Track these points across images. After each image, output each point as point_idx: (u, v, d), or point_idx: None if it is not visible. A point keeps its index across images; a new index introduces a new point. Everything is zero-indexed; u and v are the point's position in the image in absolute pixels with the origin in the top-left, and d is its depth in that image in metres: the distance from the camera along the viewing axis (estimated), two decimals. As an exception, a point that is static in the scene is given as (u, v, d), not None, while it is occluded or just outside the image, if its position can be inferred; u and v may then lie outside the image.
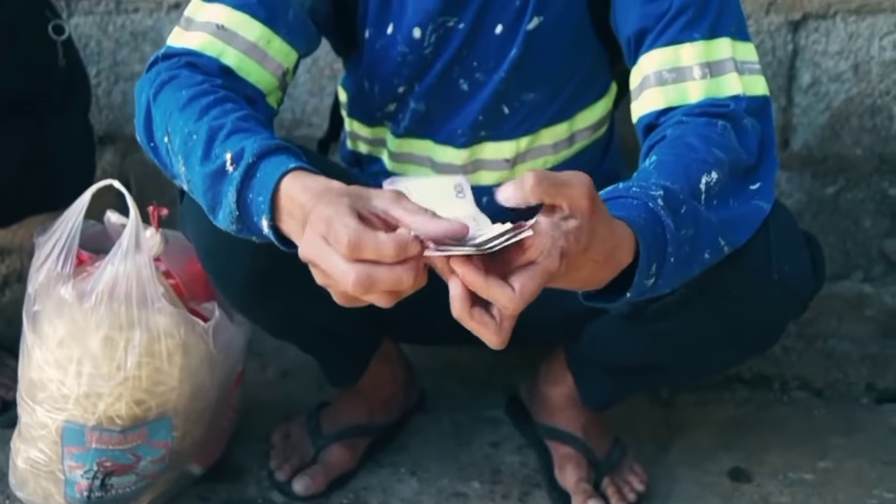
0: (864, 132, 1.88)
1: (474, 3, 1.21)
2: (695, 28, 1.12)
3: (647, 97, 1.13)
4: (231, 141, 0.98)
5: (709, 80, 1.11)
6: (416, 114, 1.30)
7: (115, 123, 2.07)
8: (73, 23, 2.00)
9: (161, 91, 1.09)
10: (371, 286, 0.79)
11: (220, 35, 1.15)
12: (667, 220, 0.93)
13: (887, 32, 1.82)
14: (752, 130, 1.08)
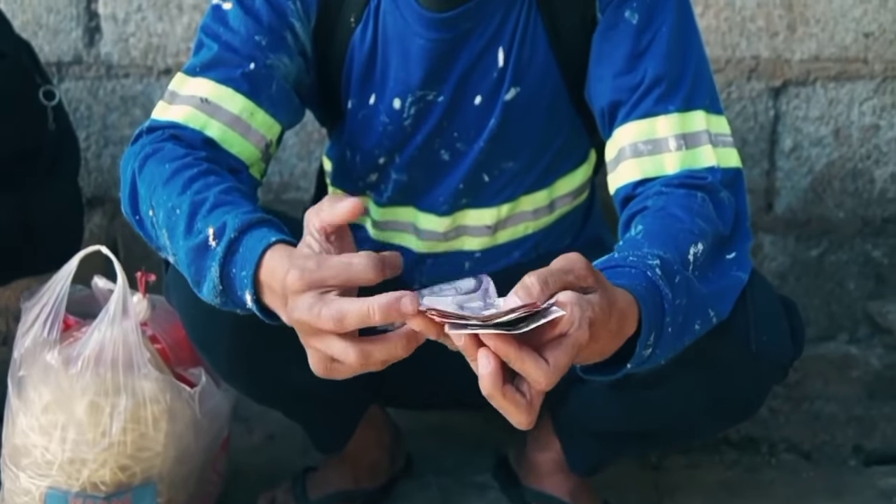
0: (846, 195, 1.91)
1: (453, 77, 1.23)
2: (669, 101, 1.13)
3: (623, 169, 1.14)
4: (213, 215, 0.99)
5: (684, 151, 1.12)
6: (399, 184, 1.32)
7: (103, 186, 2.08)
8: (64, 87, 2.03)
9: (145, 165, 1.10)
10: (369, 355, 0.81)
11: (203, 108, 1.16)
12: (665, 290, 0.93)
13: (866, 98, 1.85)
14: (728, 202, 1.10)
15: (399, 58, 1.23)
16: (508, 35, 1.21)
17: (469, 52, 1.22)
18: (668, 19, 1.15)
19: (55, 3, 2.01)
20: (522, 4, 1.20)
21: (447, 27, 1.20)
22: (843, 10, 1.81)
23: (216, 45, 1.19)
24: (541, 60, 1.22)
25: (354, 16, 1.23)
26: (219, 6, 1.22)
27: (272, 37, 1.20)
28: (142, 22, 1.98)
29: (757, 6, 1.82)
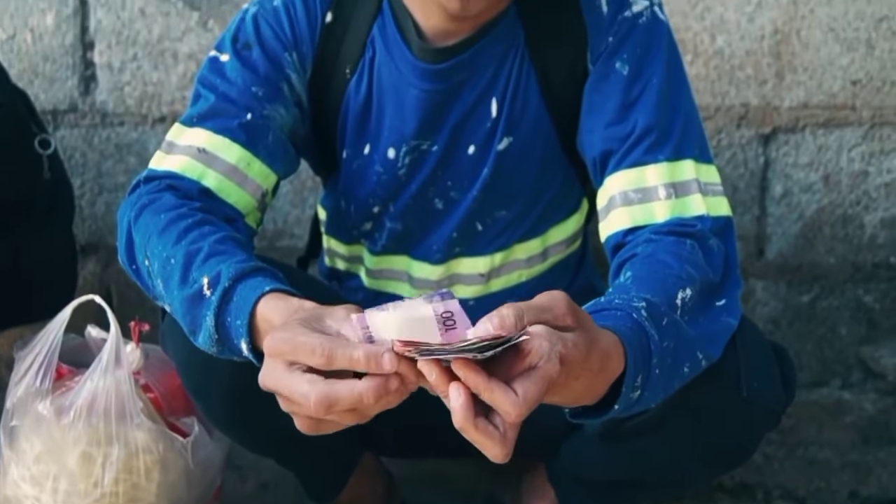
0: (836, 241, 1.92)
1: (447, 127, 1.25)
2: (659, 150, 1.15)
3: (614, 217, 1.15)
4: (208, 265, 1.00)
5: (674, 200, 1.13)
6: (393, 232, 1.32)
7: (97, 233, 2.09)
8: (59, 135, 2.04)
9: (141, 215, 1.11)
10: (333, 404, 0.80)
11: (200, 158, 1.18)
12: (651, 331, 0.93)
13: (855, 145, 1.87)
14: (717, 250, 1.10)
15: (394, 108, 1.25)
16: (502, 86, 1.23)
17: (463, 102, 1.23)
18: (658, 71, 1.17)
19: (51, 51, 2.03)
20: (515, 56, 1.22)
21: (441, 78, 1.22)
22: (831, 59, 1.84)
23: (213, 95, 1.21)
24: (533, 111, 1.24)
25: (350, 67, 1.25)
26: (216, 58, 1.23)
27: (269, 88, 1.21)
28: (137, 71, 2.00)
29: (745, 54, 1.84)
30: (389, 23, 1.24)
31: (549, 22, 1.21)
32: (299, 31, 1.23)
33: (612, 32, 1.18)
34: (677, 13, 1.82)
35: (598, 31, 1.19)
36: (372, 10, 1.24)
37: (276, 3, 1.24)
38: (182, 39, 1.98)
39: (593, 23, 1.19)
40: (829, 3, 1.82)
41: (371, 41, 1.24)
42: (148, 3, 1.97)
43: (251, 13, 1.25)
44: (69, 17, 2.02)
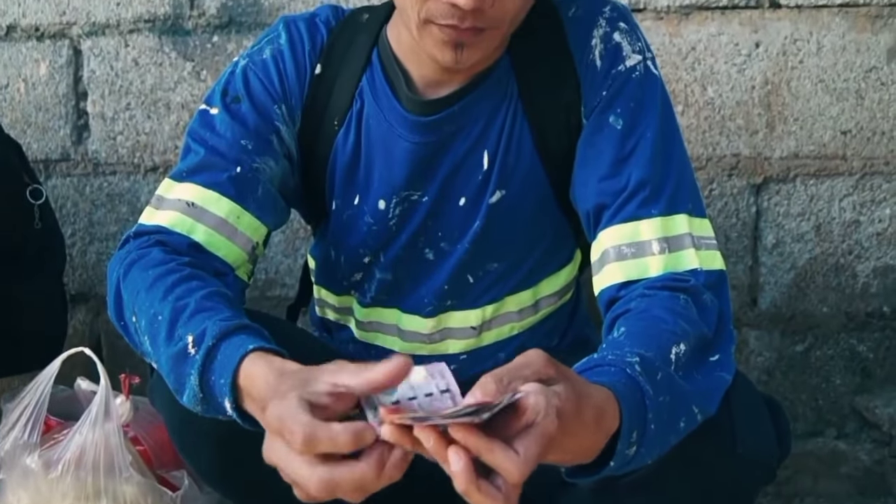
0: (829, 290, 1.92)
1: (438, 178, 1.24)
2: (652, 205, 1.14)
3: (607, 271, 1.14)
4: (194, 322, 0.99)
5: (667, 254, 1.12)
6: (383, 283, 1.32)
7: (88, 283, 2.08)
8: (51, 184, 2.04)
9: (130, 271, 1.10)
10: (334, 488, 0.79)
11: (190, 212, 1.17)
12: (645, 386, 0.92)
13: (846, 195, 1.88)
14: (711, 305, 1.10)
15: (383, 160, 1.24)
16: (494, 138, 1.22)
17: (454, 153, 1.23)
18: (652, 125, 1.16)
19: (44, 101, 2.04)
20: (508, 109, 1.22)
21: (431, 130, 1.21)
22: (821, 109, 1.85)
23: (203, 149, 1.20)
24: (526, 164, 1.23)
25: (338, 119, 1.25)
26: (206, 111, 1.23)
27: (258, 141, 1.21)
28: (130, 120, 2.00)
29: (736, 105, 1.85)
30: (378, 75, 1.24)
31: (543, 75, 1.21)
32: (288, 83, 1.23)
33: (606, 87, 1.18)
34: (668, 64, 1.84)
35: (592, 85, 1.19)
36: (361, 62, 1.25)
37: (265, 55, 1.24)
38: (175, 89, 1.98)
39: (587, 77, 1.19)
40: (819, 55, 1.83)
41: (360, 93, 1.24)
42: (141, 53, 1.99)
43: (241, 66, 1.25)
44: (62, 67, 2.03)
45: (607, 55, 1.19)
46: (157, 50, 1.98)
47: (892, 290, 1.91)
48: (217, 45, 1.96)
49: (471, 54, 1.11)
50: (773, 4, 1.83)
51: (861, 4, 1.82)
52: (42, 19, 2.02)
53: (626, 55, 1.18)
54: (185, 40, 1.97)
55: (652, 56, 1.21)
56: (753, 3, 1.83)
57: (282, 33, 1.25)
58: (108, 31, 2.00)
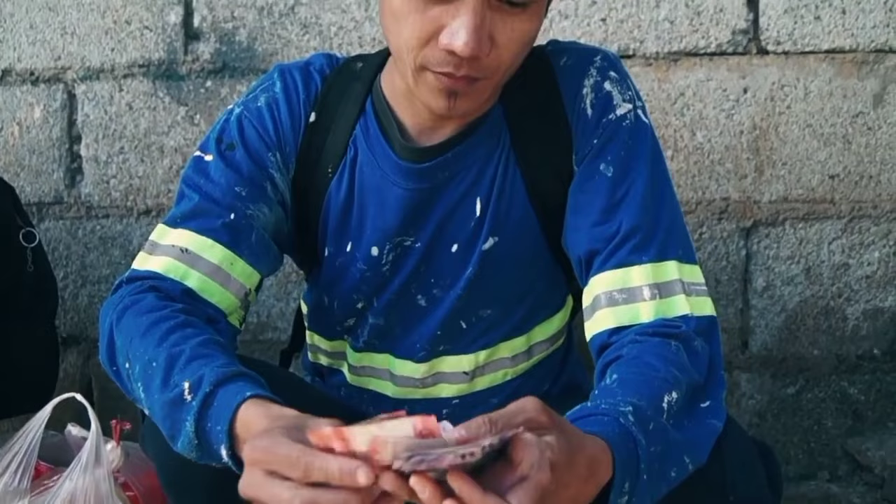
0: (819, 333, 1.93)
1: (431, 224, 1.24)
2: (643, 251, 1.14)
3: (599, 317, 1.15)
4: (190, 368, 0.99)
5: (658, 300, 1.13)
6: (376, 328, 1.32)
7: (79, 325, 2.08)
8: (44, 227, 2.04)
9: (123, 316, 1.10)
10: None
11: (184, 258, 1.17)
12: (638, 436, 0.93)
13: (835, 237, 1.89)
14: (702, 351, 1.10)
15: (376, 207, 1.25)
16: (486, 185, 1.23)
17: (447, 200, 1.24)
18: (643, 172, 1.17)
19: (38, 145, 2.05)
20: (500, 156, 1.23)
21: (425, 177, 1.22)
22: (809, 153, 1.87)
23: (197, 195, 1.21)
24: (519, 211, 1.24)
25: (332, 166, 1.25)
26: (200, 157, 1.24)
27: (252, 188, 1.22)
28: (123, 164, 2.01)
29: (725, 149, 1.87)
30: (372, 122, 1.24)
31: (535, 123, 1.22)
32: (282, 131, 1.24)
33: (597, 135, 1.19)
34: (657, 110, 1.86)
35: (584, 133, 1.20)
36: (355, 110, 1.25)
37: (259, 103, 1.25)
38: (168, 133, 2.00)
39: (578, 125, 1.20)
40: (806, 100, 1.86)
41: (354, 140, 1.25)
42: (135, 98, 2.00)
43: (235, 114, 1.26)
44: (56, 112, 2.04)
45: (598, 104, 1.20)
46: (151, 94, 2.00)
47: (882, 333, 1.92)
48: (211, 90, 1.98)
49: (464, 103, 1.12)
50: (760, 50, 1.86)
51: (847, 51, 1.85)
52: (37, 64, 2.04)
53: (617, 104, 1.20)
54: (179, 85, 1.99)
55: (642, 105, 1.23)
56: (741, 50, 1.86)
57: (276, 81, 1.26)
58: (102, 76, 2.01)
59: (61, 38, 2.03)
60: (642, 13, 1.86)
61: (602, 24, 1.88)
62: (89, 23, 2.02)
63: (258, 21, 1.95)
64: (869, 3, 1.83)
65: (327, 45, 1.93)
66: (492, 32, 1.07)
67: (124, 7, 2.00)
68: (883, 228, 1.89)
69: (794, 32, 1.85)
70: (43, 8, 2.03)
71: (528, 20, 1.09)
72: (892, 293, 1.90)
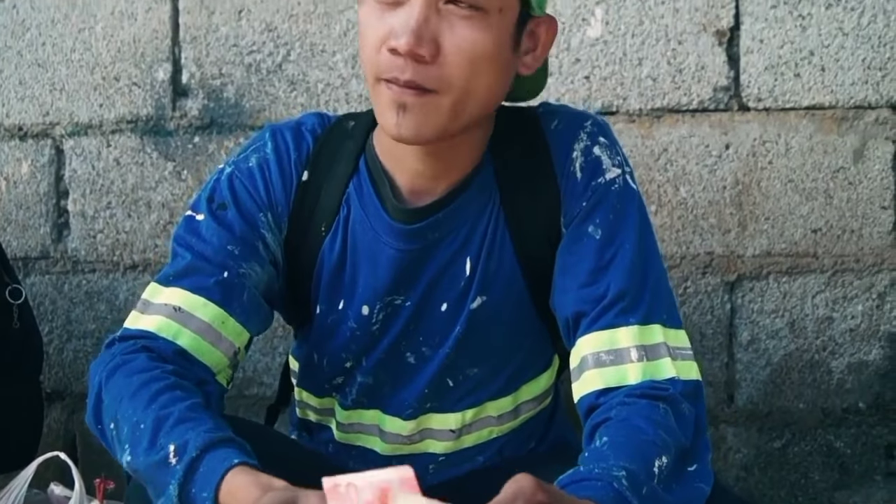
0: (805, 387, 1.93)
1: (421, 283, 1.25)
2: (630, 314, 1.15)
3: (587, 378, 1.15)
4: (176, 432, 0.99)
5: (646, 362, 1.13)
6: (365, 386, 1.32)
7: (64, 381, 2.07)
8: (29, 282, 2.04)
9: (113, 376, 1.10)
10: None
11: (176, 317, 1.17)
12: (633, 501, 0.94)
13: (818, 291, 1.91)
14: (689, 414, 1.11)
15: (368, 266, 1.25)
16: (476, 246, 1.24)
17: (437, 260, 1.24)
18: (630, 237, 1.18)
19: (25, 199, 2.05)
20: (490, 217, 1.24)
21: (416, 238, 1.23)
22: (791, 208, 1.89)
23: (189, 254, 1.21)
24: (507, 271, 1.25)
25: (325, 225, 1.26)
26: (192, 217, 1.24)
27: (244, 247, 1.22)
28: (110, 219, 2.02)
29: (708, 204, 1.89)
30: (366, 182, 1.25)
31: (525, 184, 1.23)
32: (274, 192, 1.24)
33: (586, 198, 1.20)
34: (641, 165, 1.88)
35: (572, 195, 1.21)
36: (349, 169, 1.26)
37: (251, 163, 1.25)
38: (156, 189, 2.01)
39: (567, 188, 1.21)
40: (787, 155, 1.88)
41: (347, 199, 1.25)
42: (123, 153, 2.01)
43: (226, 173, 1.26)
44: (44, 166, 2.05)
45: (587, 167, 1.21)
46: (138, 150, 2.01)
47: (866, 386, 1.93)
48: (198, 146, 1.99)
49: (413, 119, 1.10)
50: (741, 107, 1.88)
51: (827, 107, 1.87)
52: (25, 119, 2.05)
53: (606, 168, 1.21)
54: (167, 141, 2.00)
55: (630, 171, 1.24)
56: (723, 106, 1.88)
57: (268, 142, 1.27)
58: (90, 132, 2.03)
59: (50, 93, 2.05)
60: (625, 70, 1.89)
61: (586, 82, 1.90)
62: (78, 79, 2.03)
63: (246, 78, 1.97)
64: (847, 61, 1.86)
65: (314, 102, 1.95)
66: (437, 37, 1.08)
67: (113, 64, 2.02)
68: (866, 282, 1.90)
69: (775, 89, 1.88)
70: (32, 64, 2.05)
71: (479, 30, 1.09)
72: (876, 346, 1.92)
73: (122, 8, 2.01)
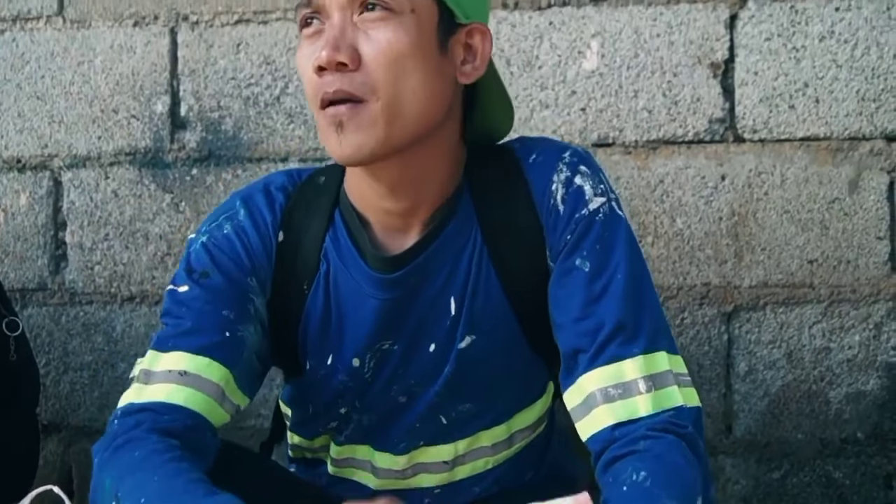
0: (803, 417, 1.93)
1: (408, 326, 1.23)
2: (632, 344, 1.13)
3: (596, 415, 1.13)
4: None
5: (654, 392, 1.12)
6: (358, 425, 1.30)
7: (60, 413, 2.06)
8: (26, 314, 2.04)
9: (115, 455, 1.09)
10: None
11: (183, 381, 1.15)
12: None
13: (815, 322, 1.91)
14: (701, 446, 1.10)
15: (353, 318, 1.23)
16: (459, 284, 1.22)
17: (421, 303, 1.22)
18: (621, 265, 1.16)
19: (23, 231, 2.06)
20: (472, 254, 1.21)
21: (398, 286, 1.21)
22: (787, 239, 1.89)
23: (184, 320, 1.19)
24: (496, 308, 1.22)
25: (307, 282, 1.24)
26: (174, 290, 1.21)
27: (237, 310, 1.20)
28: (108, 251, 2.02)
29: (705, 235, 1.90)
30: (342, 234, 1.23)
31: (506, 220, 1.21)
32: (255, 256, 1.22)
33: (570, 230, 1.18)
34: (637, 197, 1.89)
35: (555, 229, 1.19)
36: (323, 223, 1.24)
37: (226, 230, 1.22)
38: (153, 220, 2.01)
39: (549, 221, 1.19)
40: (783, 186, 1.89)
41: (325, 254, 1.23)
42: (121, 185, 2.02)
43: (200, 243, 1.23)
44: (42, 198, 2.05)
45: (570, 199, 1.18)
46: (136, 182, 2.02)
47: (865, 416, 1.92)
48: (196, 178, 2.00)
49: (351, 135, 1.10)
50: (737, 139, 1.89)
51: (822, 138, 1.89)
52: (24, 151, 2.06)
53: (589, 198, 1.18)
54: (165, 173, 2.01)
55: (616, 198, 1.21)
56: (718, 138, 1.89)
57: (240, 209, 1.24)
58: (88, 164, 2.03)
59: (49, 126, 2.06)
60: (621, 102, 1.91)
61: (581, 114, 1.91)
62: (77, 111, 2.04)
63: (244, 110, 1.98)
64: (841, 93, 1.88)
65: (312, 134, 1.96)
66: (357, 46, 1.09)
67: (112, 97, 2.03)
68: (862, 312, 1.90)
69: (770, 121, 1.89)
70: (31, 97, 2.06)
71: (392, 30, 1.09)
72: (874, 376, 1.91)
73: (121, 41, 2.02)
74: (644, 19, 1.90)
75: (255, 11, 1.98)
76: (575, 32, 1.92)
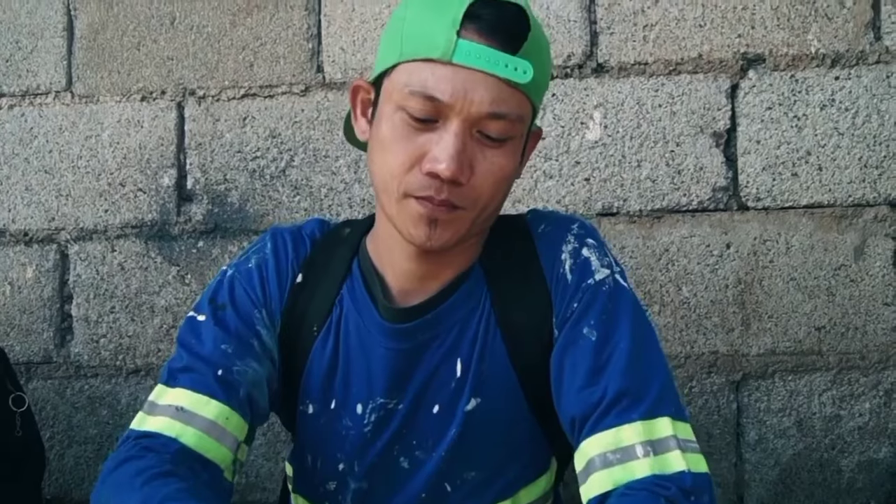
0: (815, 486, 1.90)
1: (413, 385, 1.25)
2: (632, 411, 1.14)
3: (594, 480, 1.14)
4: None
5: (652, 458, 1.12)
6: (358, 493, 1.30)
7: (65, 487, 2.04)
8: (32, 387, 2.03)
9: (115, 470, 1.11)
10: None
11: (179, 416, 1.18)
12: None
13: (825, 389, 1.90)
14: None
15: (362, 364, 1.26)
16: (467, 347, 1.24)
17: (428, 361, 1.25)
18: (625, 335, 1.18)
19: (29, 304, 2.06)
20: (481, 318, 1.25)
21: (406, 337, 1.24)
22: (794, 306, 1.89)
23: (187, 354, 1.23)
24: (501, 373, 1.25)
25: (317, 325, 1.28)
26: (193, 318, 1.27)
27: (238, 344, 1.23)
28: (114, 323, 2.02)
29: (711, 304, 1.89)
30: (358, 283, 1.27)
31: (515, 286, 1.24)
32: (269, 290, 1.28)
33: (577, 299, 1.21)
34: (643, 266, 1.89)
35: (563, 297, 1.22)
36: (342, 272, 1.29)
37: (251, 264, 1.29)
38: (159, 293, 2.01)
39: (557, 289, 1.22)
40: (788, 254, 1.89)
41: (340, 300, 1.28)
42: (127, 258, 2.02)
43: (228, 276, 1.30)
44: (49, 271, 2.06)
45: (577, 269, 1.22)
46: (143, 254, 2.02)
47: (878, 485, 1.90)
48: (202, 250, 2.00)
49: (443, 233, 1.15)
50: (741, 207, 1.90)
51: (826, 205, 1.89)
52: (31, 224, 2.07)
53: (595, 269, 1.22)
54: (171, 245, 2.02)
55: (620, 270, 1.25)
56: (722, 206, 1.90)
57: (268, 243, 1.31)
58: (95, 237, 2.04)
59: (56, 199, 2.07)
60: (625, 172, 1.92)
61: (586, 184, 1.92)
62: (84, 185, 2.06)
63: (250, 183, 2.00)
64: (844, 160, 1.89)
65: (318, 206, 1.97)
66: (472, 162, 1.13)
67: (119, 170, 2.04)
68: (872, 379, 1.89)
69: (773, 189, 1.90)
70: (39, 171, 2.08)
71: (504, 155, 1.14)
72: (886, 444, 1.90)
73: (128, 116, 2.05)
74: (646, 90, 1.92)
75: (262, 86, 2.01)
76: (578, 104, 1.94)
